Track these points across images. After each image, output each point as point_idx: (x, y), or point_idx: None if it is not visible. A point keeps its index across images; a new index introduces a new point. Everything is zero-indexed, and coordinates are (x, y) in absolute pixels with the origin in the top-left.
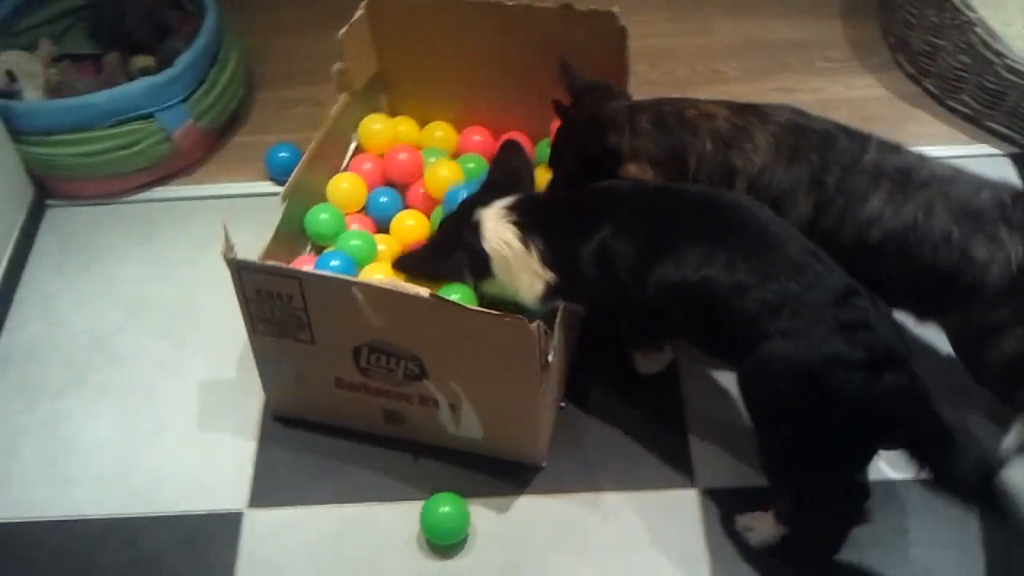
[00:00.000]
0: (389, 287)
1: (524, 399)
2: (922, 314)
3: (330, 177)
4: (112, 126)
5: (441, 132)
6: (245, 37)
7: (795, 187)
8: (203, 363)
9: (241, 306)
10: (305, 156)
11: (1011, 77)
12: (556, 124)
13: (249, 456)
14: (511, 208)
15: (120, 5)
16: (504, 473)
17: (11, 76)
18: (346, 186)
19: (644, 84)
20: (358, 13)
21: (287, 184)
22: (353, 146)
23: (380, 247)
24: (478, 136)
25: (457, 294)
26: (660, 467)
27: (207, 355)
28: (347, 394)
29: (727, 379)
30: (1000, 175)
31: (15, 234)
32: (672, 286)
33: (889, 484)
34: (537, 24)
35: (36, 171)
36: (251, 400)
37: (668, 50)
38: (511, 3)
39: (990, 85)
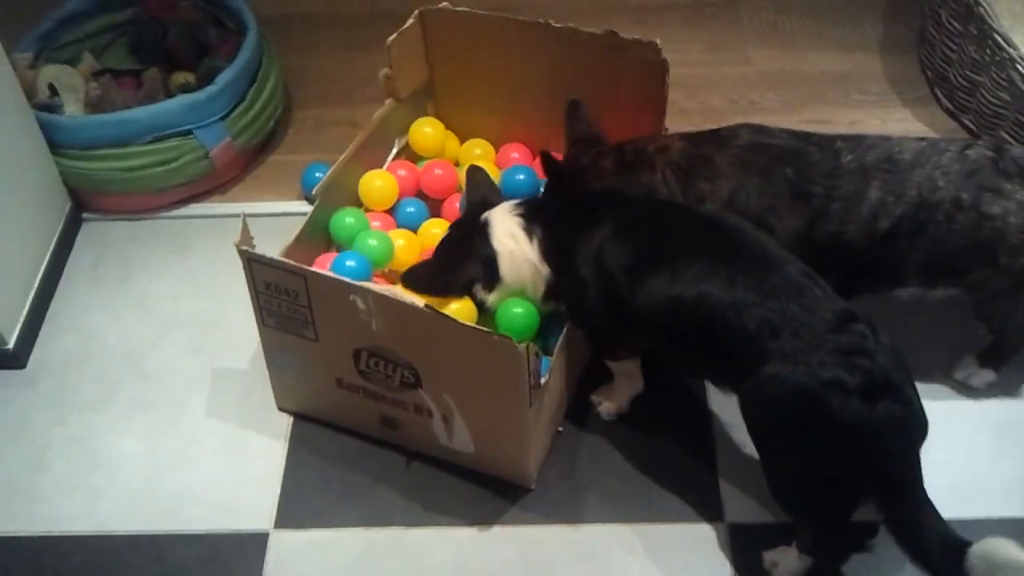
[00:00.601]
0: (387, 295)
1: (513, 418)
2: (937, 283)
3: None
4: (151, 142)
5: (480, 150)
6: (284, 57)
7: (776, 203)
8: (234, 381)
9: (252, 298)
10: (343, 156)
11: None
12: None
13: (276, 476)
14: (519, 204)
15: (162, 22)
16: (530, 498)
17: (53, 90)
18: (379, 183)
19: (680, 113)
20: (409, 22)
21: (320, 182)
22: (393, 153)
23: (399, 241)
24: (516, 153)
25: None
26: (689, 500)
27: (238, 373)
28: (347, 395)
29: None
30: None
31: (51, 247)
32: (668, 298)
33: None
34: (581, 47)
35: (73, 184)
36: (280, 420)
37: (705, 79)
38: (558, 25)
39: None
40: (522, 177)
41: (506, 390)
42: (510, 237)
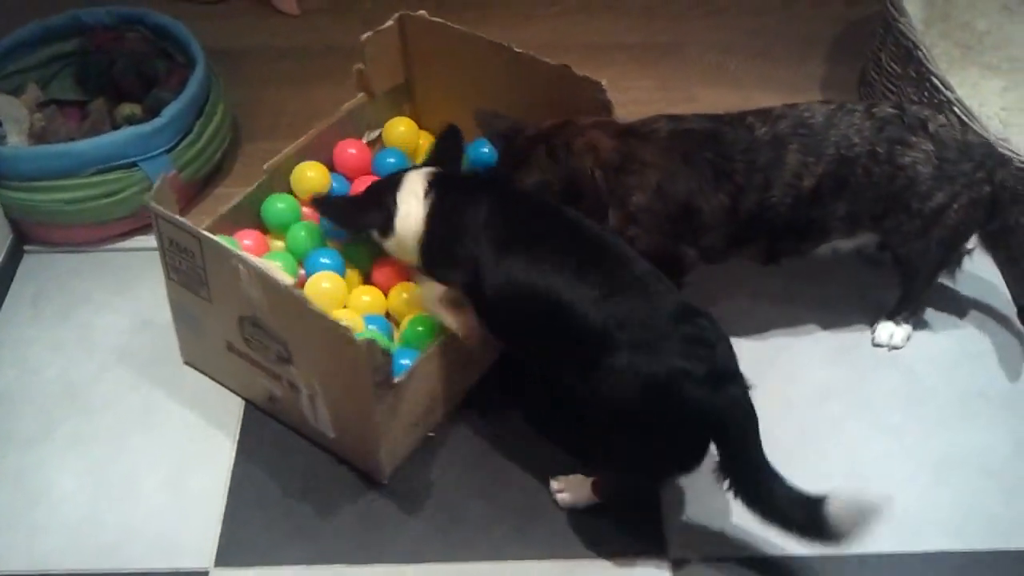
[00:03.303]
0: (262, 268)
1: (362, 410)
2: (857, 231)
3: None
4: (95, 174)
5: None
6: (234, 89)
7: (701, 186)
8: (175, 417)
9: (160, 252)
10: (301, 139)
11: None
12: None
13: (218, 513)
14: (434, 172)
15: (109, 53)
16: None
17: None
18: (311, 174)
19: None
20: (388, 23)
21: (273, 160)
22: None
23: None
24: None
25: (421, 326)
26: (631, 536)
27: (179, 409)
28: (236, 360)
29: None
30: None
31: None
32: (521, 282)
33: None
34: (539, 75)
35: (15, 216)
36: (222, 456)
37: None
38: (519, 50)
39: None
40: (486, 150)
41: (353, 381)
42: (413, 196)
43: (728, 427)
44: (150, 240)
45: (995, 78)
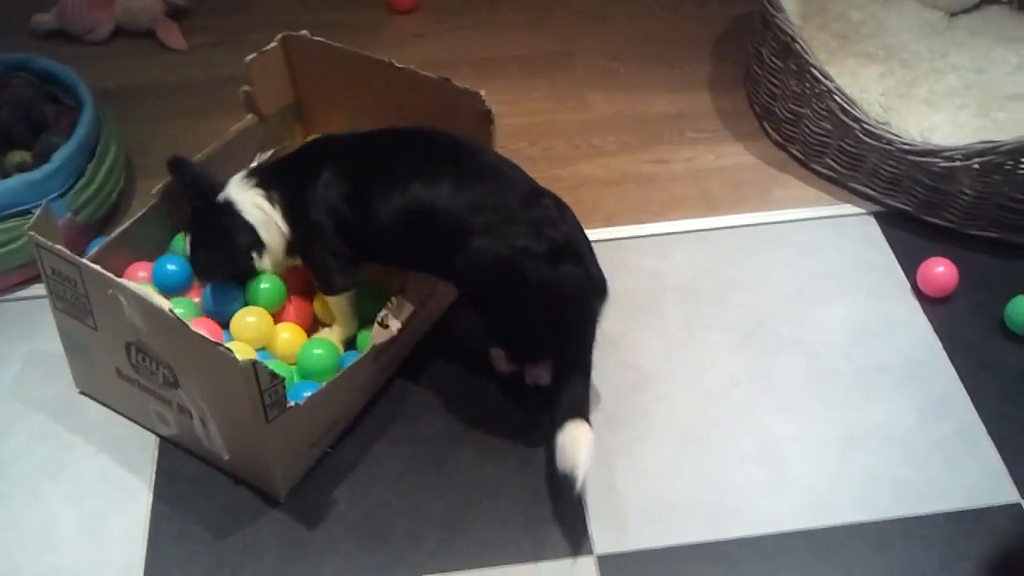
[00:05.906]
0: (141, 294)
1: (251, 432)
2: None
3: None
4: None
5: None
6: (126, 127)
7: None
8: (88, 465)
9: (44, 282)
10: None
11: (869, 140)
12: None
13: (139, 554)
14: (248, 176)
15: None
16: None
17: None
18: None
19: (525, 160)
20: (272, 44)
21: (165, 182)
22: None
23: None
24: None
25: (318, 348)
26: (556, 536)
27: (93, 453)
28: (126, 386)
29: (636, 436)
30: (864, 233)
31: None
32: (388, 208)
33: None
34: (421, 88)
35: None
36: (139, 502)
37: (547, 127)
38: (400, 66)
39: (850, 148)
40: None
41: (240, 402)
42: (257, 208)
43: (564, 302)
44: None
45: (873, 65)
